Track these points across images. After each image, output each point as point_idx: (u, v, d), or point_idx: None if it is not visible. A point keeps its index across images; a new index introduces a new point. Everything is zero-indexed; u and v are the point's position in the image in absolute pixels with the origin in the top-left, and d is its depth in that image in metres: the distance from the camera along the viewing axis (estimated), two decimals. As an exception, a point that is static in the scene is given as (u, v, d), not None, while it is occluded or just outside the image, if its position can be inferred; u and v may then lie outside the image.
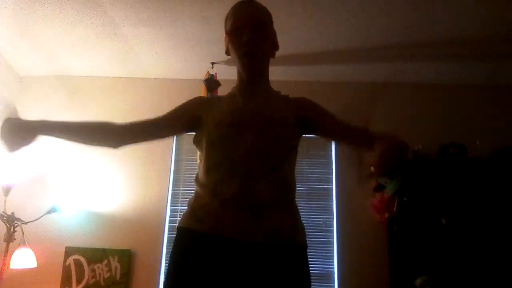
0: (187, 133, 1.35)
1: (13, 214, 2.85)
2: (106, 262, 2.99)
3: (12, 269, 2.79)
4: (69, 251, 3.02)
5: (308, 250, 1.22)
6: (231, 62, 1.32)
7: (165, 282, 1.15)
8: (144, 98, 3.37)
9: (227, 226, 1.12)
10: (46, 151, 3.17)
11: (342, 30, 2.78)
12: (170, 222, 3.16)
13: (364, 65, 3.21)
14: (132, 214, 3.13)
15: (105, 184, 3.20)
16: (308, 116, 1.31)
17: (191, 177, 2.70)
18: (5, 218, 2.83)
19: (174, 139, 3.32)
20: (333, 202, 3.15)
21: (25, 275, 2.91)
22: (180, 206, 3.19)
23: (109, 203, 3.16)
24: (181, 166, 3.30)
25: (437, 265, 2.71)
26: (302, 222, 1.24)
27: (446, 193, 2.82)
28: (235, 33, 1.26)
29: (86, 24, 2.78)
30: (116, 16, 2.69)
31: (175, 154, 3.32)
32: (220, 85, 2.98)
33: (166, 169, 3.25)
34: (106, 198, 3.17)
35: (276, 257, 1.13)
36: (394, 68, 3.18)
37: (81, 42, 3.01)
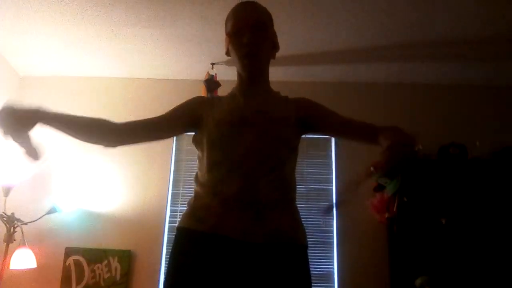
0: (187, 133, 1.34)
1: (13, 214, 2.85)
2: (106, 262, 2.99)
3: (12, 269, 2.79)
4: (69, 252, 3.02)
5: (308, 250, 1.22)
6: (231, 62, 1.32)
7: (165, 282, 1.14)
8: (144, 98, 3.37)
9: (228, 226, 1.12)
10: (46, 151, 3.16)
11: (342, 30, 2.78)
12: (170, 222, 3.16)
13: (364, 65, 3.21)
14: (132, 214, 3.13)
15: (105, 184, 3.20)
16: (308, 115, 1.31)
17: (191, 177, 2.69)
18: (5, 219, 2.82)
19: (174, 139, 3.32)
20: (333, 202, 3.15)
21: (25, 276, 2.91)
22: (180, 207, 3.19)
23: (109, 203, 3.16)
24: (181, 166, 3.30)
25: (437, 265, 2.71)
26: (303, 222, 1.24)
27: (446, 193, 2.82)
28: (236, 34, 1.26)
29: (86, 24, 2.78)
30: (116, 16, 2.69)
31: (175, 154, 3.32)
32: (220, 85, 2.98)
33: (166, 169, 3.25)
34: (106, 198, 3.17)
35: (276, 257, 1.12)
36: (394, 68, 3.19)
37: (81, 42, 3.01)
